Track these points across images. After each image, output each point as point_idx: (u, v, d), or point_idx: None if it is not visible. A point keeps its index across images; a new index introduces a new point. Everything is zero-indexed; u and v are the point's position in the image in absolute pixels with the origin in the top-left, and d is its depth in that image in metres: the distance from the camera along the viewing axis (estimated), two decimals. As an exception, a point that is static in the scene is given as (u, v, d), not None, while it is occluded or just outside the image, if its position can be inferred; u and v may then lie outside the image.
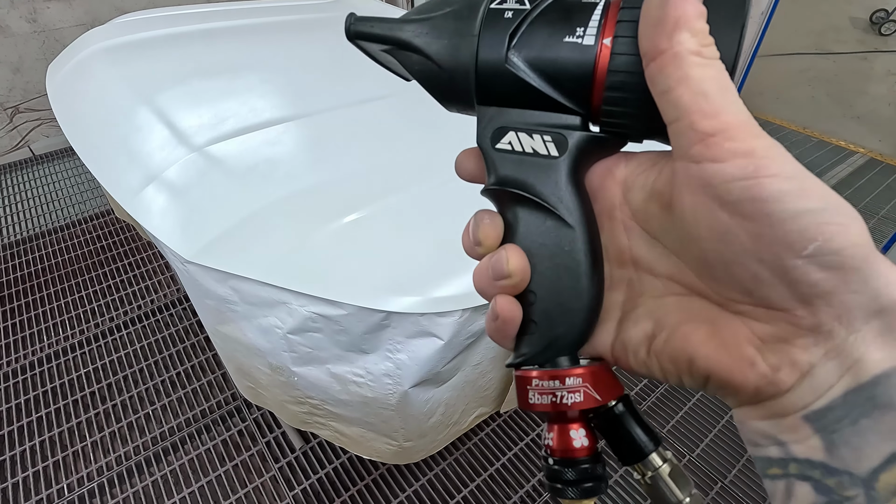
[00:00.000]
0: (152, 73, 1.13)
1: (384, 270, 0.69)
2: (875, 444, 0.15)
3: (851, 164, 2.49)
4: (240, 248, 0.70)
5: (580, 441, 0.20)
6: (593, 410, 0.20)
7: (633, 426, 0.20)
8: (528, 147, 0.21)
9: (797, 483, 0.16)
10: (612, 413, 0.20)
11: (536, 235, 0.21)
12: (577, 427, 0.20)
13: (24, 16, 2.13)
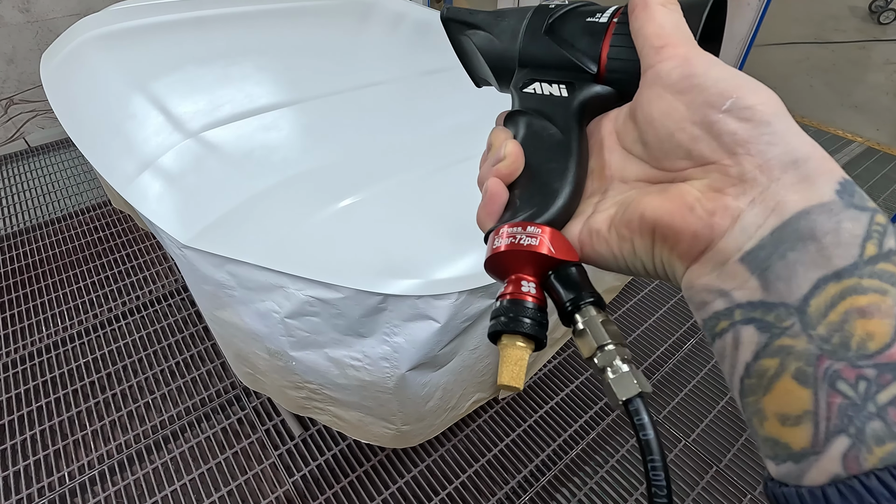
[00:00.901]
0: (147, 61, 1.12)
1: (380, 254, 0.69)
2: (802, 273, 0.17)
3: (849, 153, 2.49)
4: (236, 233, 0.70)
5: (529, 288, 0.23)
6: (544, 265, 0.23)
7: (567, 288, 0.23)
8: (546, 91, 0.27)
9: (742, 328, 0.19)
10: (562, 272, 0.23)
11: (535, 138, 0.27)
12: (529, 279, 0.23)
13: (17, 6, 2.11)
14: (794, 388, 0.17)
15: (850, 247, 0.17)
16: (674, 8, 0.24)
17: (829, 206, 0.18)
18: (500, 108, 0.32)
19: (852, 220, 0.17)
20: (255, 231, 0.70)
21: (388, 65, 1.23)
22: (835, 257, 0.17)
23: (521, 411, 1.33)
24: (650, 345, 1.50)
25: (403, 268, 0.67)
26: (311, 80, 1.10)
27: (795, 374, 0.17)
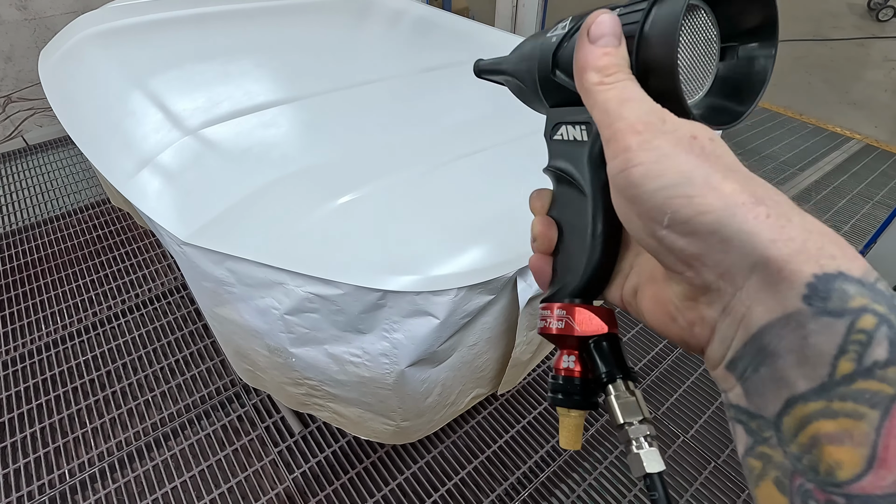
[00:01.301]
0: (145, 58, 1.12)
1: (379, 251, 0.69)
2: (773, 391, 0.17)
3: (847, 150, 2.49)
4: (236, 230, 0.70)
5: (569, 363, 0.26)
6: (579, 340, 0.26)
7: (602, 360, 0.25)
8: (570, 136, 0.27)
9: (736, 425, 0.19)
10: (590, 346, 0.25)
11: (566, 206, 0.28)
12: (570, 353, 0.26)
13: (15, 3, 2.10)
14: (774, 494, 0.17)
15: (818, 366, 0.16)
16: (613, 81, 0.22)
17: (794, 318, 0.16)
18: (498, 106, 0.33)
19: (823, 332, 0.16)
20: (254, 228, 0.70)
21: (386, 62, 1.23)
22: (799, 378, 0.16)
23: (521, 408, 1.33)
24: (649, 342, 1.51)
25: (402, 264, 0.67)
26: (309, 77, 1.10)
27: (775, 481, 0.17)
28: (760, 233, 0.17)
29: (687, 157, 0.19)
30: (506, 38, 1.39)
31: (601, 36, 0.23)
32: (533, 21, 2.20)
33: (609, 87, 0.22)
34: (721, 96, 0.26)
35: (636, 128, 0.21)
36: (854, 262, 0.17)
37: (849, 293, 0.16)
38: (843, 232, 1.90)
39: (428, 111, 1.03)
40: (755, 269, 0.17)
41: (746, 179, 0.19)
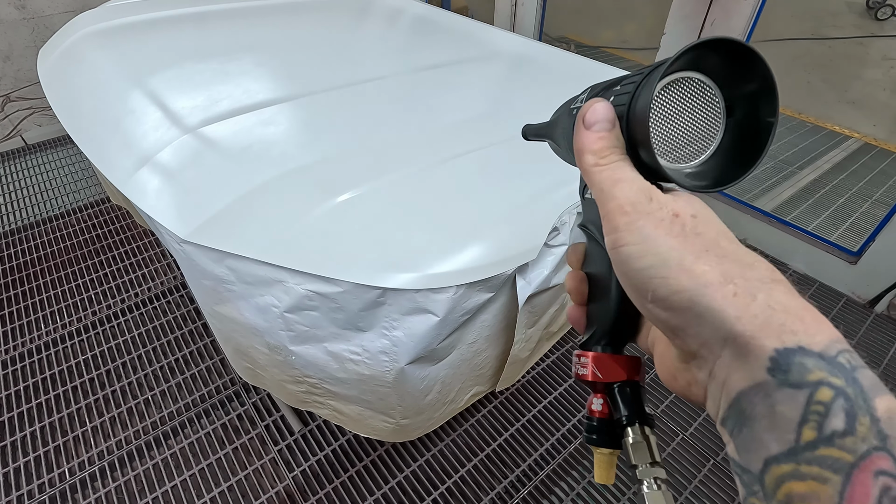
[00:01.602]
0: (144, 56, 1.12)
1: (379, 248, 0.69)
2: (754, 450, 0.18)
3: (846, 148, 2.49)
4: (235, 228, 0.70)
5: (597, 405, 0.28)
6: (604, 385, 0.28)
7: (623, 404, 0.27)
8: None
9: (735, 476, 0.20)
10: (614, 391, 0.28)
11: (594, 261, 0.30)
12: (598, 396, 0.28)
13: (13, 2, 2.10)
14: None
15: (786, 431, 0.17)
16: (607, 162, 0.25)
17: (763, 387, 0.18)
18: (496, 105, 0.35)
19: (787, 401, 0.17)
20: (254, 226, 0.71)
21: (385, 60, 1.23)
22: (772, 442, 0.17)
23: (520, 406, 1.33)
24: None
25: (401, 262, 0.67)
26: (308, 76, 1.11)
27: None
28: (726, 310, 0.19)
29: (666, 238, 0.22)
30: (505, 36, 1.39)
31: (595, 122, 0.26)
32: (532, 20, 2.20)
33: (603, 168, 0.25)
34: (723, 158, 0.27)
35: (624, 209, 0.23)
36: (816, 337, 0.18)
37: (807, 367, 0.17)
38: (842, 230, 1.90)
39: (427, 109, 1.03)
40: (727, 343, 0.19)
41: (720, 258, 0.21)
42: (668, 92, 0.26)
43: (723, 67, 0.26)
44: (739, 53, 0.24)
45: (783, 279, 0.21)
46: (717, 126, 0.27)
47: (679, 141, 0.26)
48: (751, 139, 0.26)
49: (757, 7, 1.47)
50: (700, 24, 1.60)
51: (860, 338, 1.53)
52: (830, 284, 1.70)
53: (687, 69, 0.26)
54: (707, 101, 0.26)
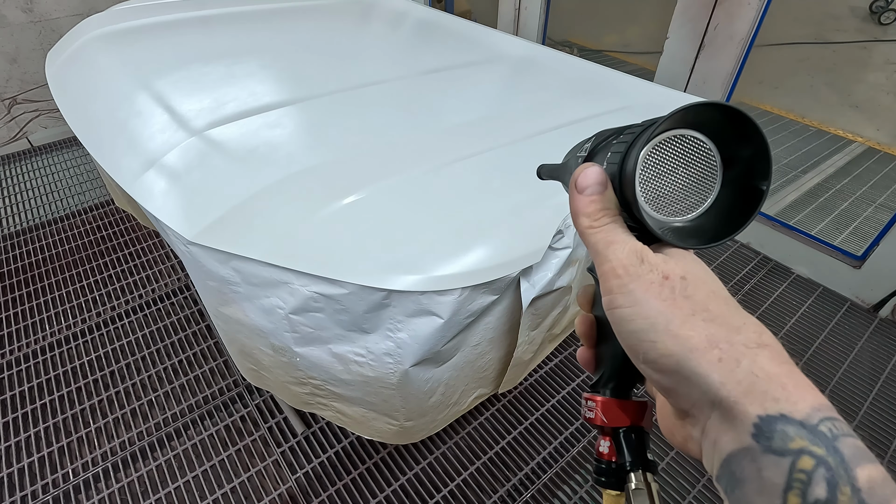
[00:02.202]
0: (151, 59, 1.13)
1: (384, 250, 0.70)
2: None
3: (849, 152, 2.49)
4: (241, 230, 0.71)
5: (604, 448, 0.28)
6: (611, 429, 0.29)
7: (627, 450, 0.28)
8: None
9: None
10: (620, 435, 0.28)
11: (601, 305, 0.30)
12: (605, 438, 0.29)
13: (21, 5, 2.12)
14: None
15: (773, 496, 0.18)
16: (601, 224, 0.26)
17: (749, 451, 0.18)
18: (500, 109, 0.35)
19: (772, 467, 0.18)
20: (259, 227, 0.71)
21: (390, 64, 1.23)
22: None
23: (524, 409, 1.33)
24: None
25: (406, 264, 0.67)
26: (314, 79, 1.11)
27: None
28: (711, 375, 0.20)
29: (655, 302, 0.22)
30: (508, 40, 1.40)
31: (587, 186, 0.27)
32: (535, 24, 2.20)
33: (597, 230, 0.26)
34: (718, 214, 0.27)
35: (617, 271, 0.24)
36: (798, 405, 0.19)
37: (789, 435, 0.18)
38: (846, 235, 1.90)
39: (431, 113, 1.03)
40: (714, 406, 0.20)
41: (707, 322, 0.22)
42: (662, 149, 0.26)
43: (720, 126, 0.26)
44: (735, 116, 0.25)
45: (771, 342, 0.21)
46: (712, 182, 0.27)
47: (673, 196, 0.27)
48: (746, 197, 0.26)
49: (761, 11, 1.47)
50: (703, 28, 1.60)
51: (864, 343, 1.52)
52: (834, 289, 1.69)
53: (682, 127, 0.26)
54: (702, 157, 0.27)
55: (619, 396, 0.29)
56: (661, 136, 0.26)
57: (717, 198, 0.27)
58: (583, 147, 0.33)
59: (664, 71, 1.77)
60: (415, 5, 1.62)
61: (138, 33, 1.25)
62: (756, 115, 2.86)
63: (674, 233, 0.27)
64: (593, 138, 0.32)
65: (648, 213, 0.26)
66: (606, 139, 0.30)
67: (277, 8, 1.53)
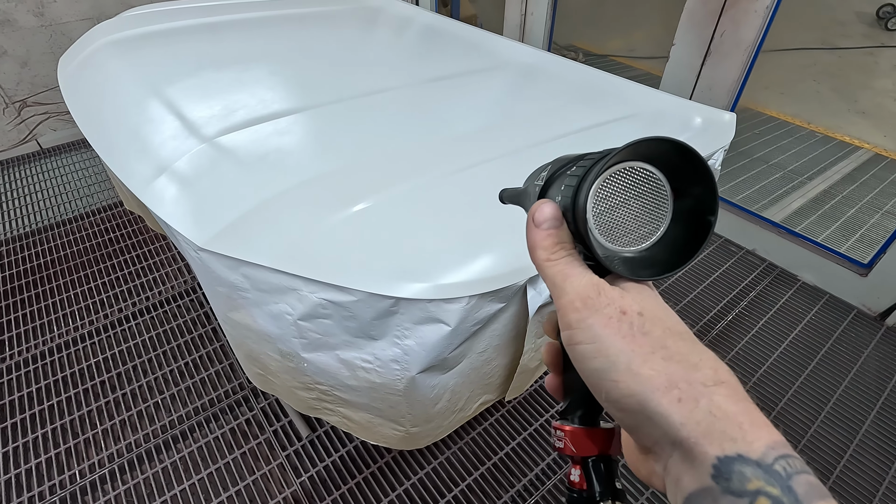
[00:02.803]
0: (162, 66, 1.14)
1: (392, 258, 0.70)
2: None
3: (856, 159, 2.48)
4: (251, 237, 0.71)
5: (575, 476, 0.28)
6: (580, 458, 0.29)
7: (596, 480, 0.28)
8: None
9: None
10: (591, 463, 0.28)
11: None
12: (576, 467, 0.29)
13: (32, 10, 2.14)
14: None
15: None
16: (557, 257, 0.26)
17: (710, 492, 0.19)
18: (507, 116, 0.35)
19: None
20: (269, 234, 0.72)
21: (397, 71, 1.24)
22: None
23: (528, 415, 1.33)
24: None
25: (414, 271, 0.68)
26: (322, 86, 1.12)
27: None
28: (672, 416, 0.20)
29: (615, 339, 0.23)
30: (515, 47, 1.40)
31: (543, 221, 0.27)
32: (542, 29, 2.21)
33: (554, 263, 0.26)
34: (670, 244, 0.28)
35: (575, 304, 0.24)
36: (754, 444, 0.19)
37: (746, 475, 0.18)
38: (852, 242, 1.89)
39: (439, 120, 1.04)
40: (675, 446, 0.20)
41: (666, 360, 0.22)
42: (614, 181, 0.27)
43: (670, 159, 0.26)
44: (685, 151, 0.25)
45: (727, 377, 0.22)
46: (663, 213, 0.28)
47: (625, 227, 0.27)
48: (695, 228, 0.27)
49: (767, 18, 1.47)
50: (710, 34, 1.60)
51: (870, 351, 1.52)
52: (840, 296, 1.69)
53: (634, 159, 0.27)
54: (653, 189, 0.27)
55: (587, 424, 0.29)
56: (613, 168, 0.26)
57: (667, 229, 0.28)
58: (540, 175, 0.33)
59: (670, 77, 1.77)
60: (421, 11, 1.63)
61: (149, 39, 1.26)
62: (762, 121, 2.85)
63: (626, 264, 0.27)
64: (551, 165, 0.32)
65: (602, 244, 0.27)
66: (563, 167, 0.30)
67: (284, 14, 1.54)
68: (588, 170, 0.26)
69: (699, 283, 1.73)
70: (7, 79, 2.20)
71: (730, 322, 1.59)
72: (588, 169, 0.26)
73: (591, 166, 0.26)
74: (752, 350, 1.51)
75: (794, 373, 1.44)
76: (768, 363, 1.47)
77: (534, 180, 0.34)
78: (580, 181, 0.26)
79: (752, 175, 2.27)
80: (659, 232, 0.28)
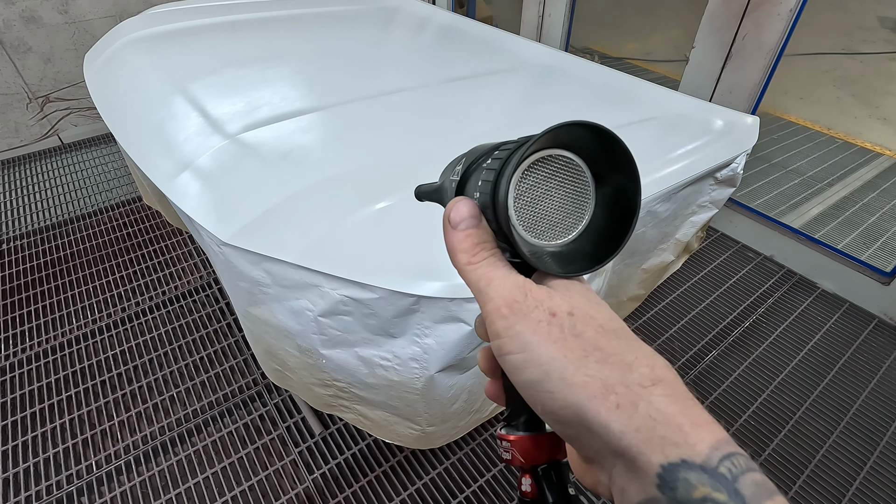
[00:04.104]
0: (186, 63, 1.16)
1: (414, 256, 0.70)
2: None
3: (877, 166, 2.44)
4: (273, 233, 0.72)
5: (526, 486, 0.27)
6: (529, 466, 0.27)
7: (548, 489, 0.26)
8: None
9: None
10: (538, 472, 0.27)
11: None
12: (526, 476, 0.27)
13: (56, 7, 2.18)
14: None
15: None
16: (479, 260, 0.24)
17: (656, 501, 0.18)
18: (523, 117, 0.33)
19: None
20: (292, 231, 0.72)
21: (417, 71, 1.25)
22: None
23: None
24: (673, 353, 1.49)
25: (435, 270, 0.68)
26: (342, 85, 1.13)
27: None
28: (611, 424, 0.19)
29: (546, 345, 0.21)
30: (533, 47, 1.40)
31: (460, 221, 0.25)
32: (559, 31, 2.20)
33: (476, 266, 0.25)
34: (595, 235, 0.26)
35: (501, 311, 0.22)
36: (697, 447, 0.18)
37: (691, 482, 0.18)
38: (874, 250, 1.85)
39: (459, 120, 1.04)
40: (617, 456, 0.20)
41: (600, 363, 0.21)
42: (533, 172, 0.25)
43: (588, 144, 0.25)
44: (603, 134, 0.24)
45: (665, 375, 0.21)
46: (585, 202, 0.26)
47: (548, 220, 0.26)
48: (619, 217, 0.26)
49: (791, 22, 1.45)
50: (731, 38, 1.59)
51: (892, 361, 1.49)
52: (861, 305, 1.66)
53: (551, 147, 0.25)
54: (573, 177, 0.26)
55: (533, 430, 0.27)
56: (531, 159, 0.25)
57: (591, 218, 0.26)
58: (454, 169, 0.31)
59: (689, 80, 1.76)
60: (438, 10, 1.63)
61: (172, 37, 1.28)
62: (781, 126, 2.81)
63: (553, 259, 0.26)
64: (464, 157, 0.30)
65: (525, 239, 0.25)
66: (477, 159, 0.28)
67: (304, 14, 1.55)
68: (505, 161, 0.24)
69: (715, 288, 1.71)
70: (31, 74, 2.24)
71: (747, 329, 1.56)
72: (505, 161, 0.24)
73: (508, 157, 0.24)
74: (769, 358, 1.48)
75: (812, 382, 1.42)
76: (786, 371, 1.45)
77: (449, 175, 0.32)
78: (497, 174, 0.24)
79: (771, 180, 2.24)
80: (583, 222, 0.26)
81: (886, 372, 1.45)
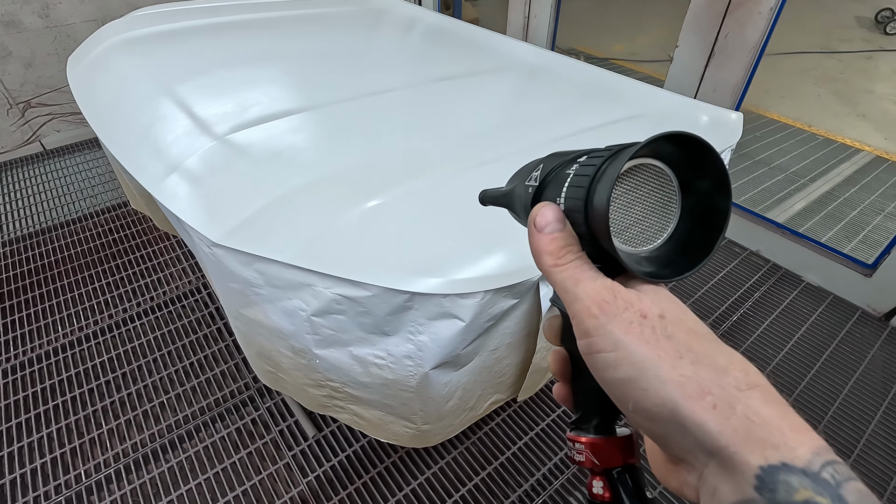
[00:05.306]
0: (172, 64, 1.15)
1: (406, 254, 0.70)
2: None
3: (857, 161, 2.49)
4: (265, 233, 0.72)
5: (598, 489, 0.27)
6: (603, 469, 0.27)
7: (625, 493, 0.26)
8: None
9: None
10: (613, 475, 0.27)
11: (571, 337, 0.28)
12: (598, 479, 0.27)
13: (37, 11, 2.15)
14: None
15: None
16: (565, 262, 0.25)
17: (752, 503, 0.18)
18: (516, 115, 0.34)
19: None
20: (283, 230, 0.72)
21: (405, 71, 1.25)
22: None
23: (535, 414, 1.33)
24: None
25: (429, 267, 0.68)
26: (331, 85, 1.13)
27: None
28: (707, 423, 0.19)
29: (639, 345, 0.21)
30: (520, 46, 1.41)
31: (546, 224, 0.26)
32: (545, 32, 2.22)
33: (563, 268, 0.25)
34: (679, 245, 0.27)
35: (592, 311, 0.23)
36: (798, 451, 0.18)
37: (793, 485, 0.17)
38: (856, 243, 1.90)
39: (448, 119, 1.05)
40: (712, 455, 0.19)
41: (695, 364, 0.21)
42: (626, 179, 0.26)
43: (674, 153, 0.26)
44: (696, 144, 0.24)
45: (760, 381, 0.20)
46: (672, 210, 0.27)
47: (636, 227, 0.26)
48: (706, 224, 0.26)
49: (772, 20, 1.48)
50: (714, 37, 1.61)
51: (875, 352, 1.52)
52: (845, 297, 1.69)
53: (642, 156, 0.26)
54: (661, 185, 0.26)
55: (604, 433, 0.28)
56: (626, 167, 0.25)
57: (677, 226, 0.27)
58: (530, 175, 0.31)
59: (673, 79, 1.78)
60: (426, 11, 1.64)
61: (158, 39, 1.27)
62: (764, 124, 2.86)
63: (643, 265, 0.26)
64: (542, 165, 0.31)
65: (616, 245, 0.25)
66: (558, 167, 0.29)
67: (291, 15, 1.55)
68: (599, 169, 0.25)
69: (704, 283, 1.73)
70: (12, 80, 2.20)
71: (734, 322, 1.59)
72: (599, 168, 0.25)
73: (602, 165, 0.25)
74: (756, 350, 1.51)
75: (799, 373, 1.44)
76: (773, 363, 1.47)
77: (523, 180, 0.32)
78: (592, 181, 0.25)
79: (755, 177, 2.28)
80: (669, 230, 0.27)
81: (871, 362, 1.48)
